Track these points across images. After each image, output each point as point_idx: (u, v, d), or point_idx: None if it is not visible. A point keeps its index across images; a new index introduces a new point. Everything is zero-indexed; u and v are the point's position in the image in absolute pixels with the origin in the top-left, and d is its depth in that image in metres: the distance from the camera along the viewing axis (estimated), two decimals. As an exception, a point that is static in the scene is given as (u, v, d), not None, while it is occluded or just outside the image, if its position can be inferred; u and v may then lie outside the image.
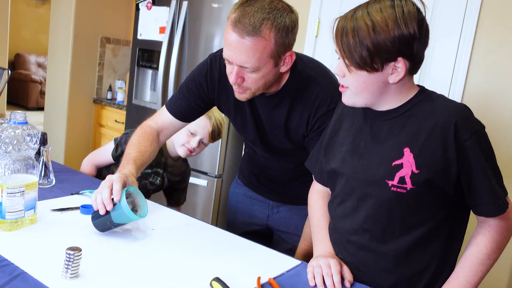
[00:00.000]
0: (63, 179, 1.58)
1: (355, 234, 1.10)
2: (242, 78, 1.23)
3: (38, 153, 1.47)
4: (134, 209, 1.20)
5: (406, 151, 1.00)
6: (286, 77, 1.33)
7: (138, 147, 1.37)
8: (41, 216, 1.22)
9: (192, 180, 2.88)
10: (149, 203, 1.45)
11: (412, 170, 0.99)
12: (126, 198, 1.18)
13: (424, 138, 0.99)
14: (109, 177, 1.17)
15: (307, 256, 1.43)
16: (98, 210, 1.13)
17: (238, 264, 1.12)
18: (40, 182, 1.47)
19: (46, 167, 1.49)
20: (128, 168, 1.28)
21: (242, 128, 1.48)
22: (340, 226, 1.15)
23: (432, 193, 1.00)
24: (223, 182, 2.92)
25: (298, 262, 1.17)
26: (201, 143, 1.74)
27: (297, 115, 1.35)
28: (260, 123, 1.42)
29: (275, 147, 1.46)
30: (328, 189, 1.28)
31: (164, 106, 1.49)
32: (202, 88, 1.42)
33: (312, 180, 1.35)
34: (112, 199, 1.12)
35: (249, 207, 1.69)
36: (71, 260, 0.93)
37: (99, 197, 1.13)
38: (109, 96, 3.83)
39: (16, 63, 7.67)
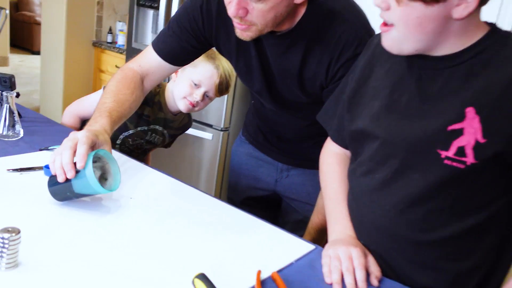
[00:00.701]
0: (35, 130, 1.33)
1: (385, 216, 0.84)
2: (245, 9, 0.95)
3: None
4: (103, 177, 0.95)
5: (470, 112, 0.72)
6: (302, 11, 1.04)
7: (115, 95, 1.11)
8: (-7, 178, 0.99)
9: (196, 133, 2.64)
10: (129, 161, 1.20)
11: (476, 139, 0.71)
12: (94, 162, 0.93)
13: (497, 96, 0.71)
14: (73, 135, 0.92)
15: (321, 233, 1.19)
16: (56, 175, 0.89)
17: (235, 250, 0.87)
18: (2, 134, 1.23)
19: (11, 116, 1.25)
20: (100, 122, 1.02)
21: (246, 75, 1.20)
22: (364, 204, 0.89)
23: (498, 172, 0.74)
24: (230, 136, 2.66)
25: (310, 246, 0.93)
26: (205, 96, 1.47)
27: (314, 61, 1.07)
28: (268, 69, 1.14)
29: (286, 100, 1.18)
30: (347, 152, 1.02)
31: (150, 45, 1.21)
32: (197, 24, 1.14)
33: None
34: (75, 163, 0.88)
35: (255, 169, 1.44)
36: (6, 245, 0.69)
37: (58, 160, 0.88)
38: (109, 39, 3.53)
39: (20, 4, 7.33)
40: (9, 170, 1.03)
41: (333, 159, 1.04)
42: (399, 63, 0.84)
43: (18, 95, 1.35)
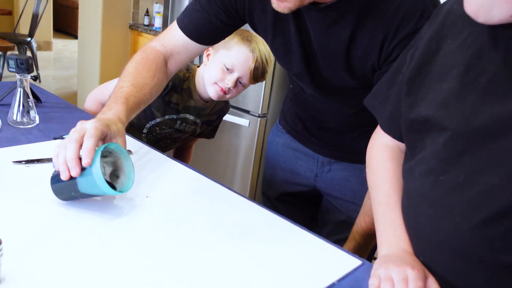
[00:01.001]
0: (53, 117, 1.23)
1: (454, 230, 0.67)
2: (283, -26, 0.79)
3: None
4: (115, 174, 0.82)
5: None
6: (351, -24, 0.86)
7: (134, 79, 0.98)
8: (-4, 171, 0.88)
9: (231, 119, 2.50)
10: (150, 153, 1.07)
11: None
12: (104, 157, 0.80)
13: None
14: (80, 125, 0.79)
15: (369, 238, 1.03)
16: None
17: (266, 265, 0.73)
18: (16, 120, 1.13)
19: (26, 101, 1.14)
20: (115, 109, 0.89)
21: (283, 56, 1.04)
22: (424, 212, 0.72)
23: None
24: (268, 123, 2.51)
25: (356, 262, 0.77)
26: (238, 83, 1.32)
27: (365, 37, 0.89)
28: (310, 48, 0.98)
29: (330, 84, 1.01)
30: (400, 145, 0.85)
31: (174, 22, 1.07)
32: (228, -4, 0.98)
33: None
34: (81, 159, 0.75)
35: (292, 161, 1.28)
36: (-15, 259, 0.57)
37: (62, 154, 0.75)
38: (146, 21, 3.43)
39: (63, -12, 7.40)
40: (15, 162, 0.92)
41: (383, 153, 0.87)
42: (477, 35, 0.65)
43: (35, 78, 1.25)
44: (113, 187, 0.80)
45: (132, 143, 1.12)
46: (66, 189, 0.77)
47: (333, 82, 1.01)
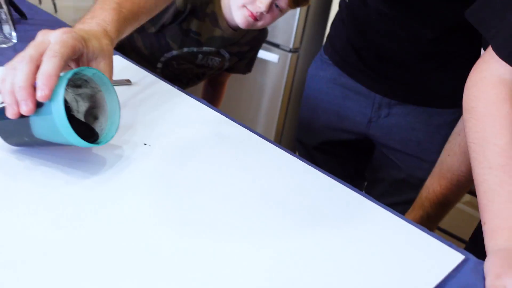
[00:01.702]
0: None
1: None
2: None
3: None
4: (92, 115, 0.56)
5: None
6: None
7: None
8: None
9: (258, 54, 2.20)
10: (157, 83, 0.80)
11: None
12: (77, 87, 0.54)
13: None
14: (42, 36, 0.52)
15: (442, 207, 0.77)
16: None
17: (312, 247, 0.47)
18: (-17, 38, 0.86)
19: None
20: (100, 18, 0.61)
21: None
22: None
23: None
24: (300, 59, 2.20)
25: (458, 257, 0.50)
26: (274, 6, 1.02)
27: None
28: None
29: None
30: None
31: None
32: None
33: (474, 61, 0.62)
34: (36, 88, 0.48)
35: (340, 101, 1.00)
36: None
37: (9, 80, 0.49)
38: None
39: None
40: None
41: (497, 92, 0.58)
42: None
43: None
44: (91, 131, 0.54)
45: (133, 70, 0.85)
46: (15, 131, 0.51)
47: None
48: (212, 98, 1.49)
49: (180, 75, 1.19)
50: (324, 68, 1.03)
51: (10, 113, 0.48)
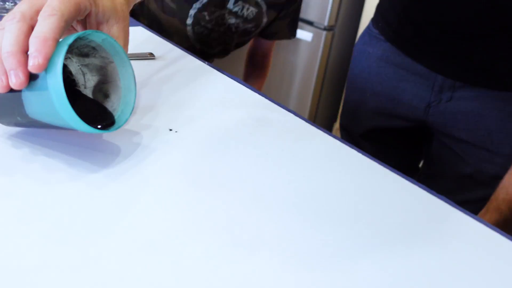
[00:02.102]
0: None
1: None
2: None
3: None
4: (102, 91, 0.45)
5: None
6: None
7: None
8: None
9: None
10: (184, 57, 0.69)
11: None
12: (83, 55, 0.43)
13: None
14: None
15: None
16: None
17: (377, 254, 0.35)
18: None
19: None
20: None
21: None
22: None
23: None
24: (335, 38, 2.06)
25: None
26: None
27: None
28: None
29: None
30: None
31: None
32: None
33: None
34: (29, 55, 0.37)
35: (393, 83, 0.87)
36: None
37: None
38: None
39: None
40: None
41: None
42: None
43: None
44: (103, 112, 0.43)
45: (157, 43, 0.74)
46: (5, 109, 0.40)
47: None
48: (258, 72, 1.36)
49: (213, 31, 1.07)
50: (374, 44, 0.89)
51: (0, 88, 0.37)
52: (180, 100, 0.56)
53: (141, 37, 0.75)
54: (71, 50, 0.42)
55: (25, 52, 0.36)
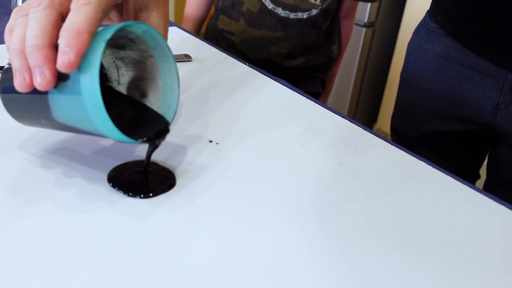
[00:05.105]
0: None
1: None
2: None
3: None
4: (138, 89, 0.38)
5: None
6: None
7: None
8: None
9: (328, 29, 1.98)
10: (226, 60, 0.62)
11: None
12: (119, 48, 0.36)
13: None
14: None
15: None
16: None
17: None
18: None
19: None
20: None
21: None
22: None
23: None
24: (376, 34, 1.95)
25: None
26: None
27: None
28: None
29: None
30: None
31: None
32: None
33: None
34: (59, 49, 0.30)
35: (455, 83, 0.77)
36: None
37: (19, 32, 0.31)
38: None
39: None
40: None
41: None
42: None
43: None
44: (142, 111, 0.37)
45: (194, 44, 0.68)
46: (27, 110, 0.34)
47: None
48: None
49: (257, 20, 0.98)
50: (432, 39, 0.80)
51: (19, 84, 0.30)
52: (222, 108, 0.50)
53: (176, 38, 0.69)
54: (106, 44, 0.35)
55: (54, 47, 0.30)
